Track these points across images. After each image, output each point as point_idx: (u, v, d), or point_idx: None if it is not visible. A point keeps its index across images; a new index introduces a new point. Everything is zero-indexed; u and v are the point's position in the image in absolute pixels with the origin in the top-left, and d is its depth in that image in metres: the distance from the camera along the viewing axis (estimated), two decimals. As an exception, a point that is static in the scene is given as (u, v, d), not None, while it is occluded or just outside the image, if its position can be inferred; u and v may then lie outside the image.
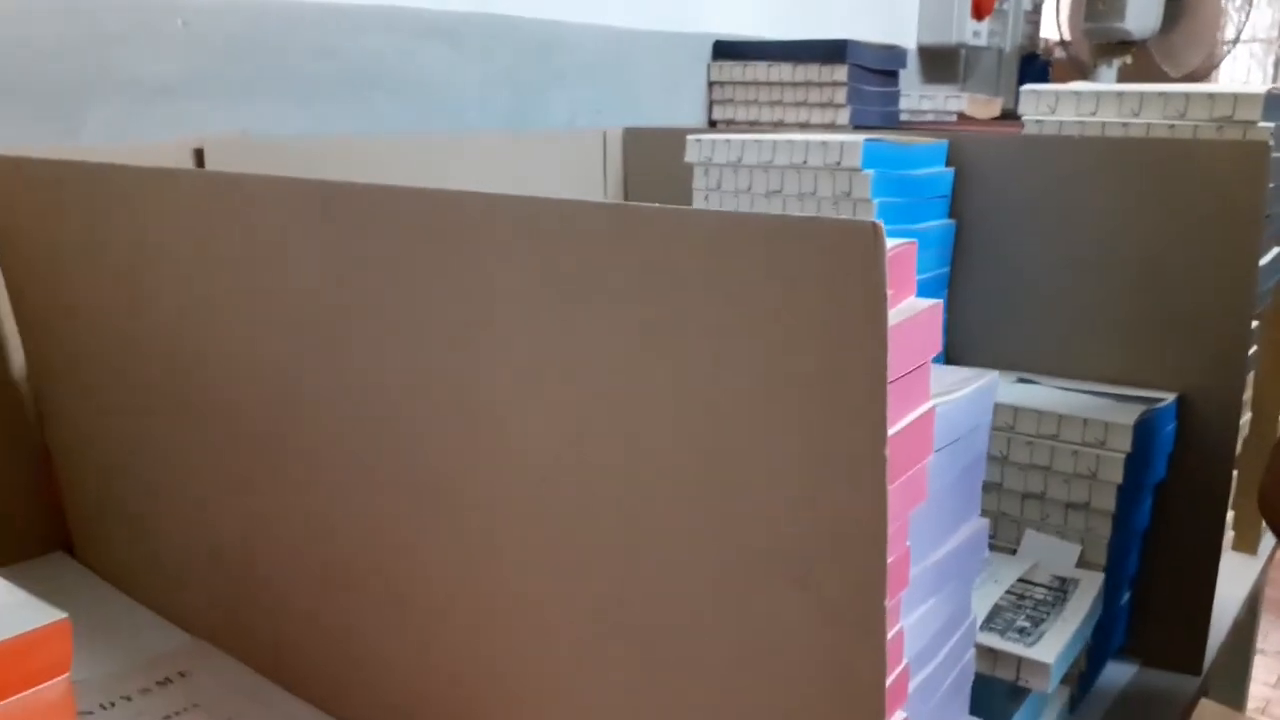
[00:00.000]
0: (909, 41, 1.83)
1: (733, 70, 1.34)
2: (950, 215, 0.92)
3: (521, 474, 0.41)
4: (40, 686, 0.37)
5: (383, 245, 0.43)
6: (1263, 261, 0.81)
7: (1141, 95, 0.84)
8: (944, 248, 0.92)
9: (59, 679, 0.37)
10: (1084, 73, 1.94)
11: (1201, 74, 1.89)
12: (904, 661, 0.47)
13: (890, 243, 0.41)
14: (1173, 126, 0.83)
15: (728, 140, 0.92)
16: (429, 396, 0.43)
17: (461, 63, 1.05)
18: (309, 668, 0.55)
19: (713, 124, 1.39)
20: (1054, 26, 1.94)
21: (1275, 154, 0.80)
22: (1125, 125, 0.85)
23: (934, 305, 0.42)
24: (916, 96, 1.45)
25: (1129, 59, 1.90)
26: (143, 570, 0.67)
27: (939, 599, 0.54)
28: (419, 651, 0.47)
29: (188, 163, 0.78)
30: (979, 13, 1.75)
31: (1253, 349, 0.85)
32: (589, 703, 0.42)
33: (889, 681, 0.38)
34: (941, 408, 0.50)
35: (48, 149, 0.68)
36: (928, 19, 1.77)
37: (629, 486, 0.37)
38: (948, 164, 0.92)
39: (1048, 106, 0.90)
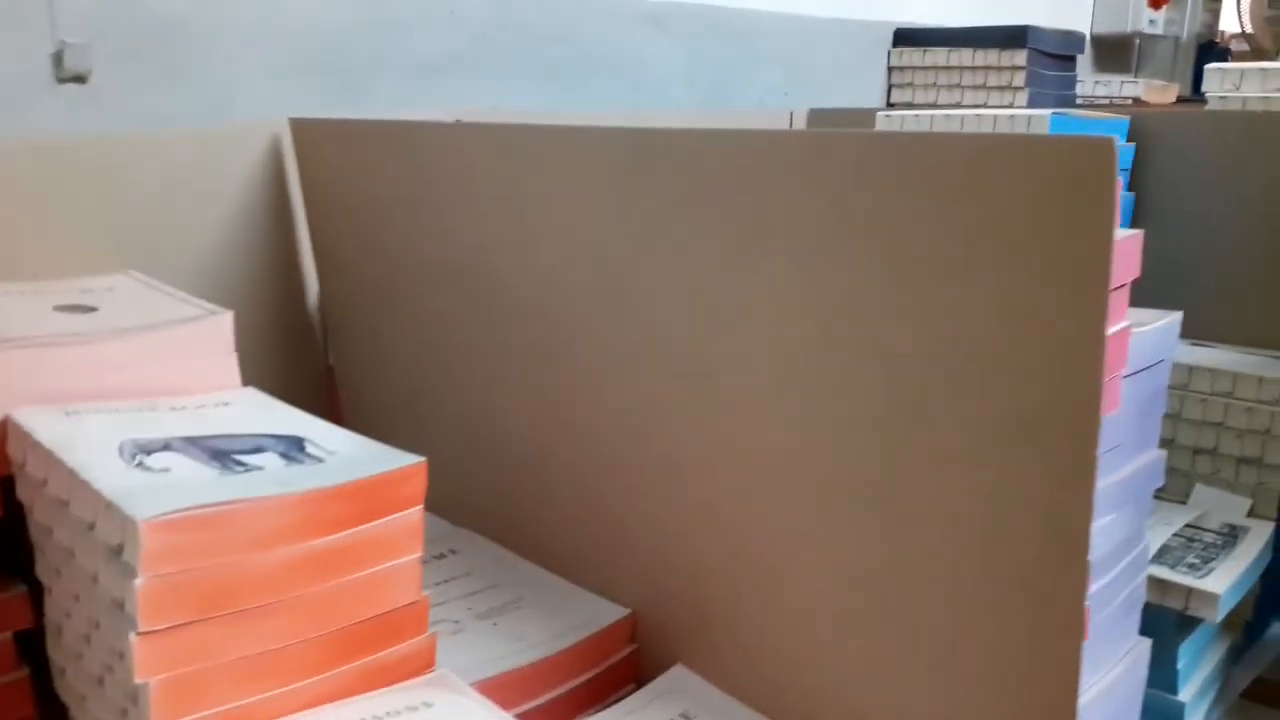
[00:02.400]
0: (1083, 30, 1.83)
1: (913, 56, 1.40)
2: (1130, 188, 0.97)
3: (770, 366, 0.50)
4: (404, 513, 0.48)
5: (654, 181, 0.53)
6: None
7: (1328, 73, 0.87)
8: (1123, 219, 0.97)
9: (414, 509, 0.49)
10: (1273, 54, 1.90)
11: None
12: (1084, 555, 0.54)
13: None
14: (1359, 103, 0.86)
15: (916, 115, 0.99)
16: (694, 302, 0.52)
17: (669, 47, 1.16)
18: (554, 545, 0.65)
19: (891, 107, 1.45)
20: (1234, 16, 1.91)
21: None
22: (1311, 101, 0.88)
23: (1136, 235, 0.48)
24: (1091, 83, 1.47)
25: (1318, 46, 1.85)
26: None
27: (1118, 516, 0.60)
28: (682, 515, 0.57)
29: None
30: (1157, 2, 1.75)
31: None
32: (827, 557, 0.50)
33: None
34: (1132, 337, 0.57)
35: (343, 117, 0.82)
36: (1103, 7, 1.78)
37: (882, 376, 0.46)
38: (1129, 140, 0.96)
39: (1232, 84, 0.93)
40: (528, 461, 0.67)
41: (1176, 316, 0.60)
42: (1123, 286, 0.49)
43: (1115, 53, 1.91)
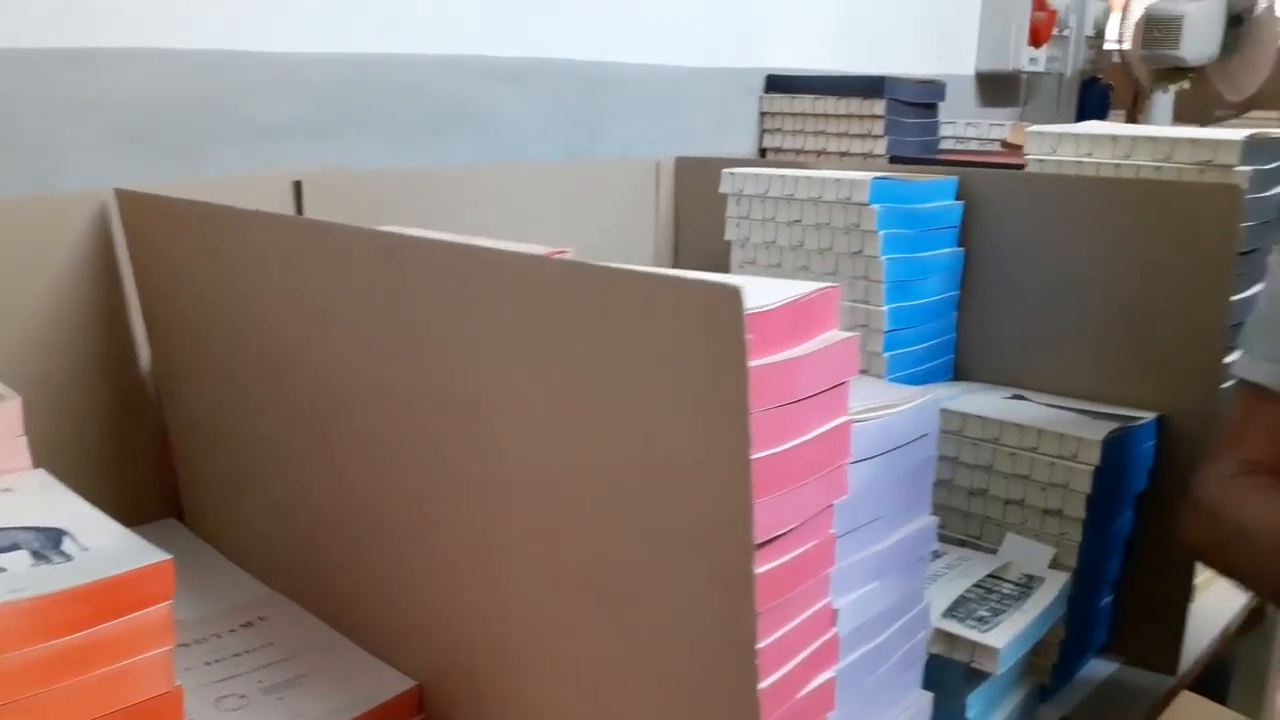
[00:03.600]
0: (969, 68, 1.90)
1: (782, 102, 1.44)
2: (961, 244, 1.01)
3: (512, 464, 0.52)
4: (149, 609, 0.50)
5: (415, 284, 0.56)
6: (1240, 295, 0.88)
7: (1133, 139, 0.92)
8: (953, 274, 1.01)
9: (162, 605, 0.51)
10: (1143, 97, 1.97)
11: (1261, 99, 1.91)
12: (831, 631, 0.57)
13: (811, 287, 0.52)
14: (1159, 168, 0.90)
15: (755, 174, 1.03)
16: (446, 403, 0.55)
17: (525, 102, 1.18)
18: (357, 615, 0.68)
19: (763, 152, 1.49)
20: (1114, 53, 1.98)
21: (1251, 196, 0.87)
22: (1117, 166, 0.93)
23: (851, 338, 0.52)
24: (962, 124, 1.52)
25: (1186, 84, 1.92)
26: (235, 534, 0.81)
27: (883, 583, 0.63)
28: (439, 600, 0.59)
29: (288, 194, 0.92)
30: (1036, 40, 1.81)
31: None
32: (562, 639, 0.53)
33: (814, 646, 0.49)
34: (883, 419, 0.61)
35: (174, 183, 0.83)
36: (986, 46, 1.84)
37: (581, 474, 0.48)
38: (959, 197, 1.00)
39: (1050, 146, 0.98)
40: (325, 532, 0.69)
41: (933, 396, 0.63)
42: (838, 386, 0.52)
43: (1002, 89, 1.97)
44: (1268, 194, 0.89)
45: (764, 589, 0.44)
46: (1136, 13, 1.91)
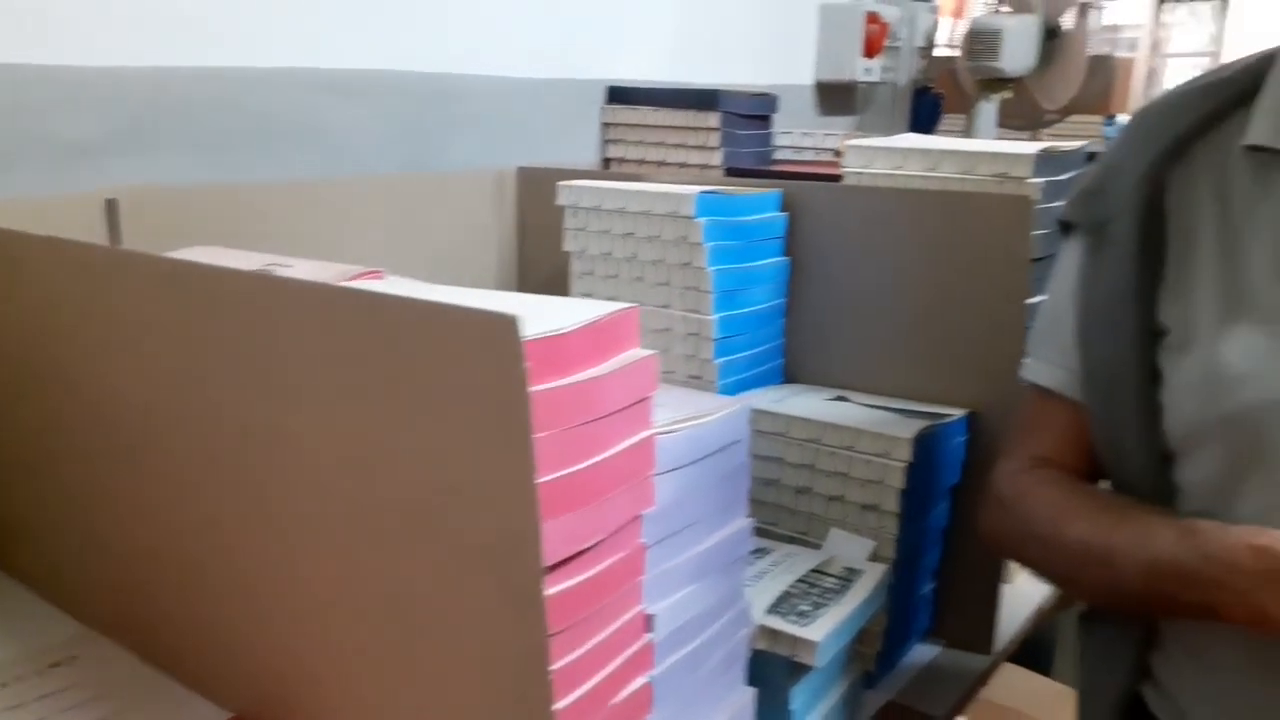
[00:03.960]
0: (808, 78, 1.97)
1: (623, 114, 1.47)
2: (787, 253, 1.05)
3: (309, 492, 0.53)
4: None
5: (207, 313, 0.55)
6: (1035, 299, 0.94)
7: (940, 152, 0.97)
8: (779, 282, 1.05)
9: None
10: (969, 105, 2.09)
11: (1078, 106, 2.05)
12: (646, 637, 0.59)
13: (611, 308, 0.54)
14: (963, 180, 0.96)
15: (591, 187, 1.05)
16: (245, 432, 0.54)
17: (361, 115, 1.17)
18: (171, 649, 0.66)
19: (607, 163, 1.52)
20: (945, 61, 2.09)
21: (1043, 206, 0.93)
22: (925, 178, 0.99)
23: (650, 356, 0.54)
24: (799, 134, 1.58)
25: (1009, 93, 2.05)
26: (46, 571, 0.78)
27: (700, 586, 0.66)
28: (251, 631, 0.59)
29: (100, 214, 0.89)
30: (870, 51, 1.89)
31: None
32: (366, 667, 0.54)
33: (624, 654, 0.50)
34: (691, 430, 0.63)
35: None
36: (824, 58, 1.91)
37: (377, 502, 0.49)
38: (783, 209, 1.05)
39: (866, 160, 1.03)
40: (137, 565, 0.67)
41: (743, 405, 0.66)
42: (640, 402, 0.54)
43: (840, 97, 2.05)
44: (1059, 203, 0.96)
45: (557, 609, 0.46)
46: (963, 26, 2.02)
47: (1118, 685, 0.78)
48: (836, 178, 1.09)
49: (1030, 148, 0.94)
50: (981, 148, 0.96)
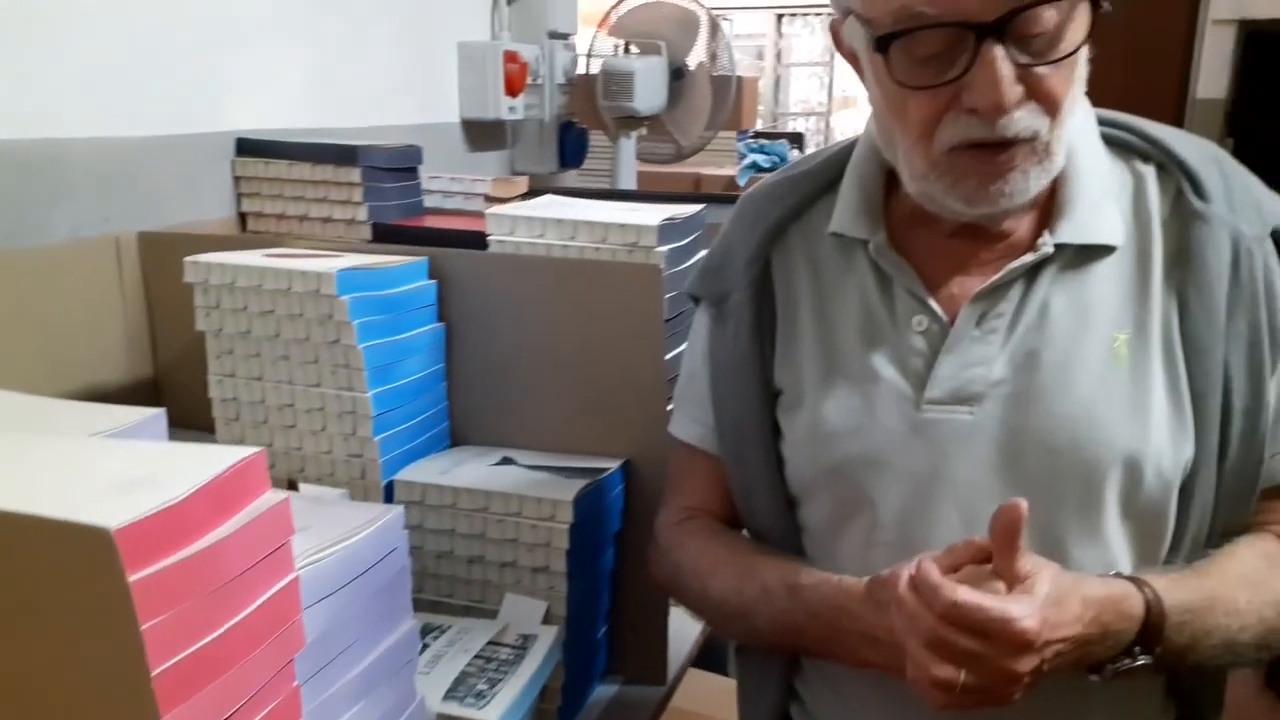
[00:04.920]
0: (455, 116, 1.97)
1: (257, 167, 1.39)
2: (441, 319, 1.05)
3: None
4: None
5: None
6: (671, 354, 1.02)
7: (576, 223, 1.02)
8: (436, 349, 1.05)
9: None
10: (612, 140, 2.21)
11: (714, 125, 2.23)
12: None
13: (235, 456, 0.51)
14: (598, 249, 1.01)
15: (221, 264, 0.98)
16: None
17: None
18: None
19: (243, 218, 1.43)
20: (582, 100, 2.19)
21: (670, 271, 1.01)
22: (565, 247, 1.03)
23: (283, 501, 0.52)
24: (447, 178, 1.57)
25: (644, 130, 2.19)
26: None
27: (371, 699, 0.65)
28: None
29: None
30: (512, 89, 1.93)
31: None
32: None
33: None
34: (342, 552, 0.62)
35: None
36: (466, 96, 1.92)
37: (7, 704, 0.44)
38: (432, 275, 1.04)
39: (508, 228, 1.05)
40: None
41: (396, 513, 0.65)
42: (280, 548, 0.52)
43: (488, 134, 2.08)
44: (685, 265, 1.04)
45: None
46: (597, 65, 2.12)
47: (770, 706, 0.86)
48: (483, 237, 1.09)
49: (654, 217, 1.01)
50: (613, 218, 1.01)
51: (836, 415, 0.76)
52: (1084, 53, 0.68)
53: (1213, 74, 4.21)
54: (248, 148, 1.41)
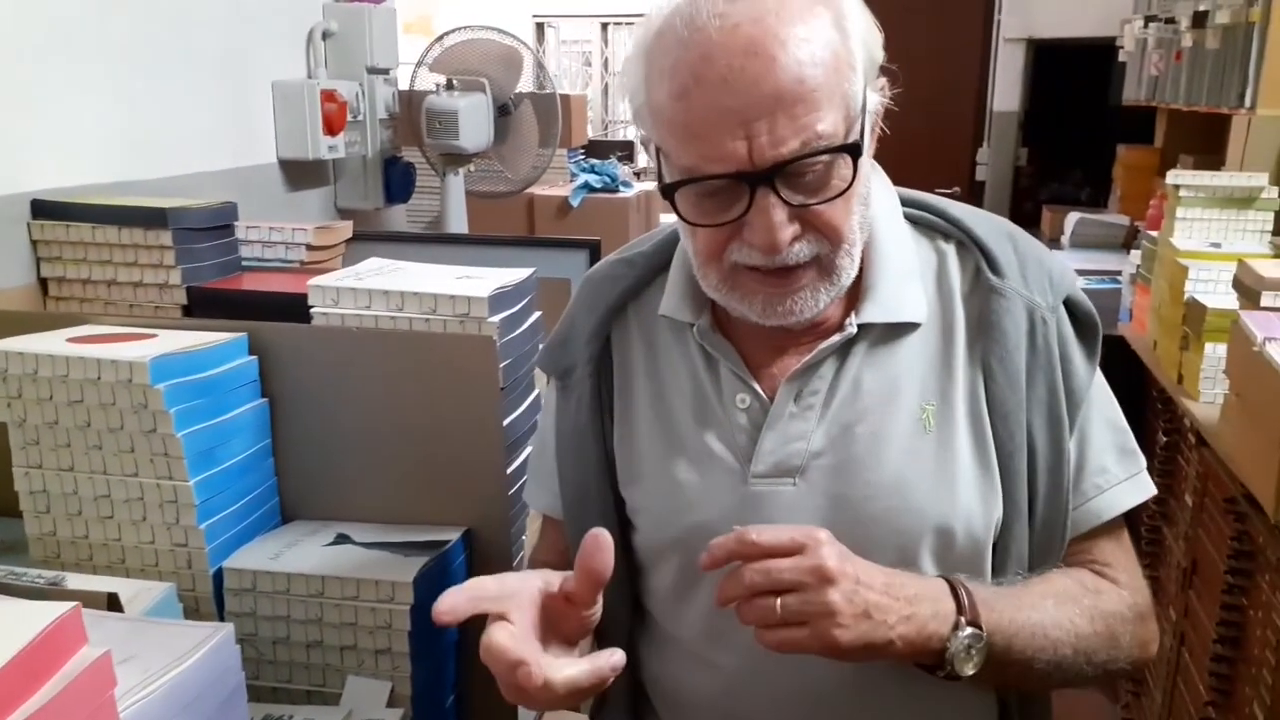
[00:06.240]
0: (272, 156, 1.90)
1: (57, 231, 1.30)
2: (265, 394, 1.02)
3: None
4: None
5: None
6: (509, 419, 1.02)
7: (403, 294, 1.01)
8: (260, 426, 1.02)
9: None
10: (440, 176, 2.18)
11: (534, 178, 2.24)
12: None
13: (48, 617, 0.49)
14: (428, 320, 1.01)
15: (21, 352, 0.92)
16: None
17: None
18: None
19: (44, 284, 1.34)
20: (408, 134, 2.15)
21: (503, 341, 1.01)
22: (393, 319, 1.02)
23: (103, 656, 0.50)
24: (266, 228, 1.51)
25: (472, 167, 2.18)
26: None
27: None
28: None
29: None
30: (331, 128, 1.88)
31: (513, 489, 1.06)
32: None
33: None
34: (169, 685, 0.59)
35: None
36: (284, 137, 1.86)
37: None
38: (253, 351, 1.01)
39: (331, 299, 1.03)
40: None
41: (225, 632, 0.64)
42: (103, 701, 0.50)
43: (308, 173, 2.02)
44: (518, 332, 1.05)
45: None
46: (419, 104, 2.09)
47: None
48: (305, 300, 1.05)
49: (484, 288, 1.01)
50: (442, 288, 1.01)
51: (675, 490, 0.80)
52: (863, 170, 0.73)
53: (1007, 89, 4.55)
54: (45, 210, 1.32)
